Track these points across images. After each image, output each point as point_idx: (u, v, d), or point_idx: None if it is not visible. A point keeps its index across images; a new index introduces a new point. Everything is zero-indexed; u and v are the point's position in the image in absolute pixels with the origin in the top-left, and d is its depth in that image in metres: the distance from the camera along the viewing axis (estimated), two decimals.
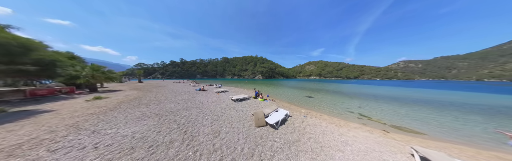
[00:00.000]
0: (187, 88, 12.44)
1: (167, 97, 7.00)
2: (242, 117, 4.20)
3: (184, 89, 10.96)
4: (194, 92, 9.51)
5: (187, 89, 11.43)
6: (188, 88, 11.97)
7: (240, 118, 4.09)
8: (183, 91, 9.62)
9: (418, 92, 15.21)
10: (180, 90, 10.54)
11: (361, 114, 5.78)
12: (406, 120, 5.05)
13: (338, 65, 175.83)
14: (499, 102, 9.23)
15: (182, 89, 11.35)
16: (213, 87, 13.78)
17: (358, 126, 4.23)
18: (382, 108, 7.02)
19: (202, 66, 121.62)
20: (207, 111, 4.73)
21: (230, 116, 4.26)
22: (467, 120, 5.18)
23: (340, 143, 2.87)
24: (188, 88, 11.96)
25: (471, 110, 6.74)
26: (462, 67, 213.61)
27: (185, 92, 9.10)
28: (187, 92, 9.13)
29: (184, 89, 10.96)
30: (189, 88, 11.98)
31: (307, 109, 6.37)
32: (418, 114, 5.92)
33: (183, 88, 11.84)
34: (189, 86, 14.94)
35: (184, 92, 9.36)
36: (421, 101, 9.19)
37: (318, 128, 3.67)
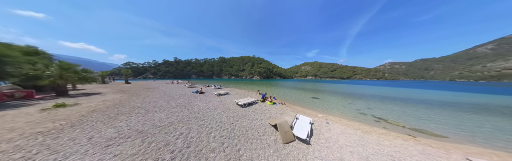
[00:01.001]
0: (182, 90, 11.01)
1: (158, 103, 5.67)
2: (260, 130, 3.34)
3: (179, 92, 9.57)
4: (190, 95, 8.25)
5: (182, 91, 10.04)
6: (183, 90, 10.57)
7: (258, 132, 3.22)
8: (178, 94, 8.29)
9: (410, 91, 15.97)
10: (174, 92, 9.14)
11: (375, 116, 5.72)
12: (421, 122, 5.07)
13: (332, 66, 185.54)
14: (483, 101, 9.73)
15: (176, 91, 9.93)
16: (212, 89, 12.50)
17: (384, 131, 4.03)
18: (391, 108, 7.09)
19: (198, 66, 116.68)
20: (212, 123, 3.63)
21: (244, 130, 3.29)
22: (477, 121, 5.09)
23: (386, 157, 2.53)
24: (183, 90, 10.55)
25: (472, 110, 6.82)
26: (438, 69, 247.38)
27: (180, 96, 7.79)
28: (182, 96, 7.84)
29: (179, 92, 9.57)
30: (184, 90, 10.58)
31: (322, 112, 6.05)
32: (428, 115, 5.97)
33: (178, 90, 10.41)
34: (184, 87, 13.43)
35: (179, 95, 8.04)
36: (419, 101, 9.59)
37: (349, 137, 3.33)
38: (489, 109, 7.32)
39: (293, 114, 4.73)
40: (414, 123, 4.92)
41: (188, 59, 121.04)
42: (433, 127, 4.57)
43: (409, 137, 3.69)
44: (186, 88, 12.91)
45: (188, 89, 11.88)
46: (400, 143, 3.16)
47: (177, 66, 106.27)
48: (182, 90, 10.87)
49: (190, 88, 13.02)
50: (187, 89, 11.87)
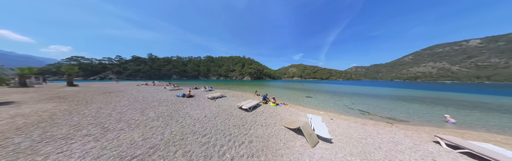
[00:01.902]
0: (162, 93, 8.82)
1: (125, 114, 3.90)
2: (280, 137, 2.90)
3: (158, 96, 7.53)
4: (175, 100, 6.57)
5: (162, 95, 7.99)
6: (164, 94, 8.48)
7: (281, 139, 2.75)
8: (157, 100, 6.41)
9: (372, 89, 20.18)
10: (151, 97, 7.06)
11: (360, 109, 6.58)
12: (389, 111, 6.30)
13: (314, 68, 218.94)
14: (416, 94, 13.41)
15: (154, 95, 7.78)
16: (202, 91, 10.78)
17: (373, 122, 4.54)
18: (366, 103, 8.38)
19: (180, 64, 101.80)
20: (219, 137, 2.67)
21: (264, 139, 2.72)
22: (420, 109, 6.88)
23: (389, 143, 2.91)
24: (163, 94, 8.45)
25: (413, 101, 9.29)
26: (384, 72, 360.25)
27: (160, 101, 6.01)
28: (164, 101, 6.10)
29: (158, 96, 7.53)
30: (165, 94, 8.50)
31: (322, 110, 6.26)
32: (390, 106, 7.56)
33: (156, 94, 8.21)
34: (164, 90, 10.89)
35: (159, 100, 6.21)
36: (381, 96, 12.10)
37: (357, 130, 3.57)
38: (420, 99, 10.06)
39: (303, 114, 4.64)
40: (385, 113, 6.08)
41: (168, 57, 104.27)
42: (398, 114, 5.78)
43: (389, 124, 4.36)
44: (167, 90, 10.50)
45: (170, 92, 9.66)
46: (389, 130, 3.70)
47: (153, 64, 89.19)
48: (162, 93, 8.69)
49: (173, 90, 10.71)
50: (169, 92, 9.64)
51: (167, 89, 11.42)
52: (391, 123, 4.45)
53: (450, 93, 14.93)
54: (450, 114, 5.44)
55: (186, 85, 20.72)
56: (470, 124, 4.71)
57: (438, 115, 5.64)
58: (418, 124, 4.59)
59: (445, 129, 4.15)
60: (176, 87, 13.05)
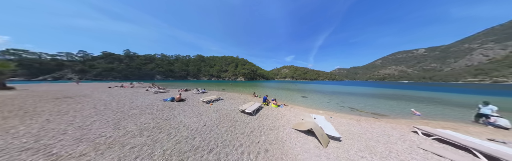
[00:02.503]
0: (144, 97, 7.37)
1: (91, 130, 2.82)
2: (293, 140, 2.81)
3: (138, 101, 6.17)
4: (162, 105, 5.50)
5: (143, 99, 6.62)
6: (146, 98, 7.08)
7: (295, 143, 2.68)
8: (138, 106, 5.20)
9: (353, 88, 22.85)
10: (129, 102, 5.71)
11: (349, 107, 7.18)
12: (371, 107, 7.08)
13: (304, 70, 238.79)
14: (384, 92, 15.75)
15: (133, 100, 6.36)
16: (194, 93, 9.66)
17: (364, 118, 4.95)
18: (352, 100, 9.34)
19: (166, 63, 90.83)
20: (230, 151, 2.19)
21: (280, 145, 2.56)
22: (399, 105, 7.93)
23: (384, 136, 3.22)
24: (145, 98, 7.05)
25: (387, 98, 10.91)
26: (360, 73, 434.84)
27: (142, 108, 4.88)
28: (148, 108, 4.98)
29: (138, 101, 6.17)
30: (147, 98, 7.12)
31: (320, 109, 6.46)
32: (371, 102, 8.59)
33: (136, 99, 6.75)
34: (146, 93, 9.21)
35: (141, 107, 5.05)
36: (361, 94, 13.78)
37: (355, 127, 3.80)
38: (389, 96, 11.73)
39: (308, 115, 4.65)
40: (369, 109, 6.75)
41: (150, 54, 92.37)
42: (378, 110, 6.52)
43: (376, 119, 4.79)
44: (150, 93, 8.93)
45: (154, 95, 8.21)
46: (379, 124, 4.06)
47: (131, 62, 77.22)
48: (144, 97, 7.26)
49: (158, 93, 9.21)
50: (153, 95, 8.19)
51: (150, 92, 9.74)
52: (377, 118, 4.99)
53: (408, 91, 18.16)
54: (414, 108, 6.56)
55: (173, 86, 18.49)
56: (430, 115, 5.65)
57: (406, 109, 6.63)
58: (395, 117, 5.31)
59: (415, 120, 4.88)
60: (162, 89, 11.33)
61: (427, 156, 2.29)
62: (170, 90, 11.28)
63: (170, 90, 11.28)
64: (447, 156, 2.20)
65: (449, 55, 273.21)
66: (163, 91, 10.26)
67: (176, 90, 12.12)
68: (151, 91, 10.31)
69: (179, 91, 10.77)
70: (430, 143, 2.83)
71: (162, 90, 10.49)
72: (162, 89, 11.43)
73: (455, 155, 2.27)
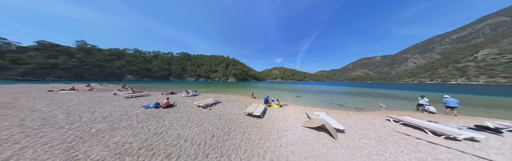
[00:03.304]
0: (111, 104, 5.57)
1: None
2: (310, 138, 2.96)
3: (105, 110, 4.56)
4: (143, 114, 4.21)
5: (111, 107, 4.95)
6: (115, 105, 5.37)
7: (313, 140, 2.83)
8: (105, 117, 3.76)
9: (334, 88, 26.59)
10: (88, 113, 4.08)
11: (337, 103, 8.23)
12: (352, 103, 8.57)
13: (293, 71, 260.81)
14: (356, 90, 18.99)
15: (96, 109, 4.65)
16: (183, 97, 8.28)
17: (351, 112, 5.70)
18: (337, 98, 10.80)
19: (141, 61, 75.43)
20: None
21: (302, 143, 2.69)
22: (370, 100, 9.62)
23: (372, 125, 3.89)
24: (114, 105, 5.33)
25: (359, 95, 13.17)
26: (338, 75, 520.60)
27: (114, 120, 3.54)
28: (122, 118, 3.69)
29: (105, 110, 4.56)
30: (117, 105, 5.40)
31: (317, 107, 7.01)
32: (351, 99, 10.37)
33: (100, 107, 4.98)
34: (113, 98, 7.07)
35: (110, 119, 3.65)
36: (340, 92, 16.16)
37: (350, 120, 4.38)
38: (360, 94, 14.11)
39: (312, 113, 4.81)
40: (351, 104, 8.05)
41: (118, 49, 75.03)
42: (357, 104, 7.88)
43: (359, 112, 5.64)
44: (121, 99, 6.97)
45: (128, 101, 6.40)
46: (364, 116, 4.83)
47: (88, 57, 60.15)
48: (112, 104, 5.49)
49: (133, 98, 7.32)
50: (126, 101, 6.37)
51: (121, 96, 7.65)
52: (359, 111, 5.96)
53: (372, 89, 22.91)
54: (381, 102, 8.26)
55: (152, 88, 15.51)
56: (391, 107, 7.23)
57: (375, 103, 8.25)
58: (371, 110, 6.45)
59: (383, 111, 6.09)
60: (138, 92, 9.15)
61: (402, 136, 3.11)
62: (150, 94, 9.24)
63: (150, 94, 9.24)
64: (412, 134, 3.16)
65: (395, 62, 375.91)
66: (140, 95, 8.26)
67: (157, 93, 10.12)
68: (122, 95, 8.11)
69: (163, 94, 9.00)
70: (400, 127, 3.72)
71: (138, 94, 8.43)
72: (138, 92, 9.24)
73: (415, 133, 3.24)
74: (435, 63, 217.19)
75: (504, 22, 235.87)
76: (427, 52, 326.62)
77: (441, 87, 35.89)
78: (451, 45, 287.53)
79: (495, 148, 2.61)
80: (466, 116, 5.22)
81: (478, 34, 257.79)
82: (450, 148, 2.49)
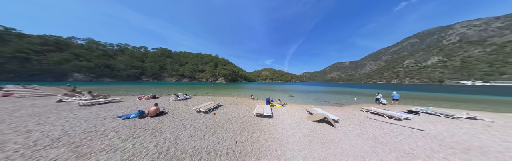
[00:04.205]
0: (61, 114, 3.96)
1: None
2: (318, 129, 3.57)
3: (52, 125, 3.11)
4: (124, 127, 3.13)
5: (61, 122, 3.39)
6: (67, 117, 3.79)
7: (322, 130, 3.49)
8: (58, 138, 2.50)
9: (318, 87, 30.80)
10: (21, 138, 2.54)
11: (324, 100, 9.86)
12: (335, 99, 10.67)
13: (281, 73, 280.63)
14: (333, 89, 22.83)
15: (34, 127, 3.09)
16: (170, 101, 7.09)
17: (336, 107, 7.18)
18: (323, 96, 12.61)
19: (98, 55, 57.28)
20: (297, 157, 1.98)
21: (313, 136, 3.17)
22: (346, 97, 12.15)
23: (352, 114, 5.24)
24: (69, 117, 3.79)
25: (336, 93, 16.19)
26: (318, 76, 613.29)
27: (77, 143, 2.35)
28: (92, 139, 2.54)
29: (52, 125, 3.11)
30: (69, 117, 3.81)
31: (310, 104, 8.10)
32: (333, 96, 12.75)
33: (39, 122, 3.35)
34: (59, 107, 5.04)
35: (67, 143, 2.31)
36: (323, 91, 18.96)
37: (337, 112, 5.46)
38: (337, 92, 17.42)
39: (312, 109, 5.56)
40: (334, 100, 9.85)
41: (58, 37, 53.60)
42: (338, 101, 9.84)
43: (342, 107, 7.10)
44: (73, 107, 5.11)
45: (87, 111, 4.75)
46: (346, 110, 6.04)
47: (3, 45, 39.99)
48: (61, 116, 3.89)
49: (94, 106, 5.51)
50: (84, 111, 4.69)
51: (74, 104, 5.56)
52: (341, 106, 7.57)
53: (344, 88, 28.43)
54: (355, 98, 10.58)
55: (120, 92, 12.31)
56: (360, 101, 9.43)
57: (350, 98, 10.70)
58: (349, 104, 8.24)
59: (357, 105, 7.92)
60: (100, 97, 6.93)
61: (372, 120, 4.40)
62: (121, 99, 7.21)
63: (121, 99, 7.21)
64: (377, 118, 4.56)
65: (358, 67, 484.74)
66: (105, 101, 6.27)
67: (132, 97, 8.14)
68: (73, 102, 5.89)
69: (142, 99, 7.24)
70: (369, 115, 5.15)
71: (103, 99, 6.36)
72: (102, 97, 6.99)
73: (379, 117, 4.70)
74: (382, 68, 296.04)
75: (416, 42, 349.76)
76: (377, 60, 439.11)
77: (385, 86, 52.51)
78: (390, 56, 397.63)
79: (416, 122, 4.36)
80: (402, 105, 7.85)
81: (403, 49, 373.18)
82: (398, 125, 3.95)
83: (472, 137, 3.15)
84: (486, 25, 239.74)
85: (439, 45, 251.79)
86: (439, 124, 4.07)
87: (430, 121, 4.42)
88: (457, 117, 4.82)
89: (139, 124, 3.42)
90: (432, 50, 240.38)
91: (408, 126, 3.79)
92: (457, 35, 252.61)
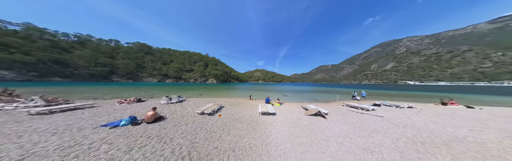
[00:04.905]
0: (10, 128, 3.03)
1: None
2: (317, 121, 4.37)
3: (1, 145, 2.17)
4: (118, 137, 2.67)
5: (16, 138, 2.52)
6: (19, 130, 2.91)
7: (319, 122, 4.29)
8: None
9: (307, 87, 34.09)
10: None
11: (314, 99, 11.19)
12: (322, 97, 12.64)
13: (273, 74, 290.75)
14: (319, 89, 26.11)
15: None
16: (161, 104, 6.52)
17: (325, 103, 8.45)
18: (312, 95, 14.24)
19: (43, 47, 43.13)
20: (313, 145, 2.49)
21: (314, 126, 3.84)
22: (330, 95, 14.17)
23: (337, 109, 6.32)
24: (19, 130, 2.90)
25: (321, 92, 18.80)
26: (306, 77, 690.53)
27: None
28: (79, 157, 2.02)
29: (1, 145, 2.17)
30: (25, 130, 2.94)
31: (305, 102, 9.05)
32: (320, 95, 14.80)
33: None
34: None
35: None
36: (310, 91, 21.27)
37: (326, 107, 6.76)
38: (321, 91, 20.40)
39: (306, 106, 6.43)
40: (322, 98, 11.46)
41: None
42: (325, 98, 11.58)
43: (328, 103, 8.59)
44: (23, 117, 4.00)
45: (46, 121, 3.72)
46: (332, 105, 7.49)
47: None
48: (11, 131, 2.96)
49: (56, 114, 4.54)
50: (43, 121, 3.66)
51: (21, 113, 4.33)
52: (328, 102, 9.20)
53: (328, 88, 32.86)
54: (337, 95, 12.73)
55: (84, 95, 10.13)
56: (342, 97, 11.61)
57: (334, 96, 12.80)
58: (333, 101, 9.89)
59: (338, 101, 9.56)
60: (60, 103, 5.67)
61: (351, 112, 5.57)
62: (94, 104, 5.95)
63: (94, 104, 5.95)
64: (355, 110, 5.84)
65: (338, 69, 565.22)
66: (71, 107, 5.02)
67: (108, 101, 6.94)
68: (18, 110, 4.60)
69: (122, 103, 6.28)
70: (349, 108, 6.47)
71: (66, 105, 5.16)
72: (63, 103, 5.71)
73: (355, 110, 6.08)
74: (355, 71, 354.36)
75: (379, 51, 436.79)
76: (352, 64, 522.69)
77: (358, 86, 63.85)
78: (362, 61, 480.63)
79: (378, 111, 5.84)
80: (370, 100, 9.95)
81: (371, 56, 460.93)
82: (368, 114, 5.23)
83: (408, 119, 4.65)
84: (421, 40, 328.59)
85: (394, 54, 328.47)
86: (391, 112, 5.62)
87: (386, 110, 5.97)
88: (402, 107, 6.73)
89: (136, 132, 2.98)
90: (389, 57, 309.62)
91: (373, 115, 5.14)
92: (404, 47, 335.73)
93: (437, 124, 4.01)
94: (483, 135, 3.21)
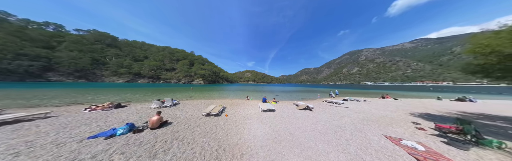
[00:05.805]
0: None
1: None
2: (308, 113, 5.64)
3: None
4: (124, 145, 2.38)
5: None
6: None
7: (309, 114, 5.45)
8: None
9: (295, 88, 37.62)
10: None
11: (302, 97, 12.81)
12: (305, 96, 13.87)
13: (263, 75, 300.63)
14: (304, 89, 29.23)
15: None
16: (153, 109, 5.96)
17: (310, 101, 9.81)
18: (300, 94, 16.25)
19: None
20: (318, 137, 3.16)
21: (309, 117, 5.03)
22: (313, 94, 16.48)
23: (321, 105, 7.61)
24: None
25: (305, 91, 21.84)
26: (292, 78, 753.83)
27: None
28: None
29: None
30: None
31: (294, 100, 10.32)
32: (303, 94, 16.25)
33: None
34: None
35: None
36: (297, 91, 23.77)
37: (312, 103, 7.91)
38: (306, 90, 23.77)
39: (297, 103, 7.65)
40: (307, 97, 13.18)
41: None
42: (310, 97, 13.31)
43: (313, 101, 9.99)
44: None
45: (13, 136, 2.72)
46: (316, 102, 9.06)
47: None
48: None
49: (10, 125, 3.32)
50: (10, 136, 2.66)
51: None
52: (313, 100, 10.56)
53: (311, 88, 37.78)
54: (318, 94, 15.03)
55: (1, 101, 7.18)
56: (322, 96, 13.73)
57: (315, 94, 15.15)
58: (315, 98, 11.70)
59: (320, 98, 11.33)
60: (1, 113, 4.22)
61: (329, 106, 7.26)
62: (49, 113, 4.33)
63: (49, 113, 4.33)
64: (331, 105, 7.70)
65: (319, 72, 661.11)
66: (5, 120, 3.55)
67: (69, 109, 5.42)
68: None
69: (93, 111, 5.10)
70: (327, 103, 8.18)
71: (10, 116, 3.74)
72: (4, 114, 4.31)
73: (332, 104, 7.90)
74: (332, 74, 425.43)
75: (348, 57, 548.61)
76: (329, 68, 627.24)
77: (334, 86, 75.21)
78: (337, 65, 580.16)
79: (346, 104, 7.79)
80: (341, 97, 12.34)
81: (342, 61, 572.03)
82: (340, 106, 6.94)
83: (362, 108, 6.83)
84: (374, 51, 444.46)
85: (358, 61, 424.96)
86: (353, 104, 7.88)
87: (351, 103, 8.22)
88: (360, 100, 9.39)
89: (146, 139, 2.71)
90: (355, 63, 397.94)
91: (343, 106, 7.09)
92: (364, 56, 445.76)
93: (377, 110, 6.26)
94: (394, 114, 5.61)
